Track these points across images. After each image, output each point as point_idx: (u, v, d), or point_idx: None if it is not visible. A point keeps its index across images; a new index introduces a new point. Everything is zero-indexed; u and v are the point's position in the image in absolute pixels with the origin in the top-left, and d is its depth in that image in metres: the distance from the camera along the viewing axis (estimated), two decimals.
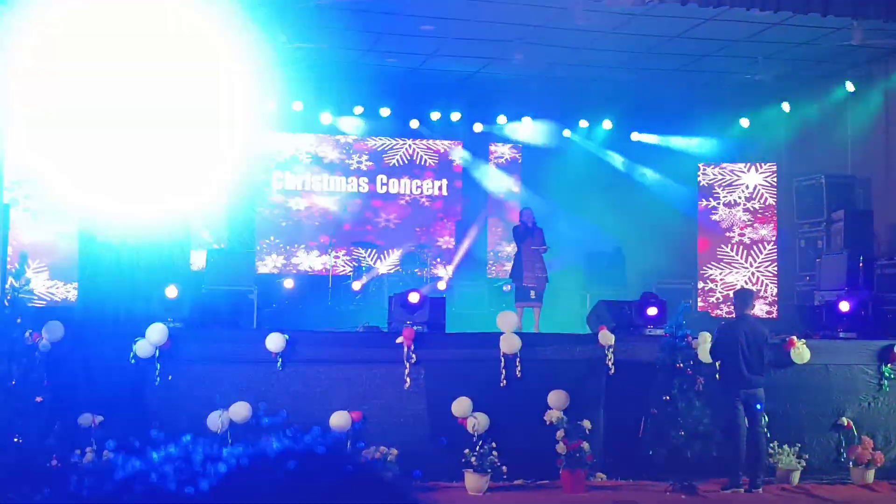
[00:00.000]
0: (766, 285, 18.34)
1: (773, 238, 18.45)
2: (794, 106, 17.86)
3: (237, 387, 10.89)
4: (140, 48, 11.14)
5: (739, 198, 18.69)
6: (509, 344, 11.26)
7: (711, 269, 18.68)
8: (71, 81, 11.05)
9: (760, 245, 18.53)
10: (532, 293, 14.73)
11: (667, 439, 10.90)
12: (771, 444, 11.29)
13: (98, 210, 11.67)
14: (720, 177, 18.81)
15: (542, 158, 19.38)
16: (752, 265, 18.53)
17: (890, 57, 15.70)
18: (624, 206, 18.54)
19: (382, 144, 19.10)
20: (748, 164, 18.69)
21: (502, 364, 11.25)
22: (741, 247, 18.61)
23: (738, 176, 18.73)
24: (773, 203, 18.51)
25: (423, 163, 19.30)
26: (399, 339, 11.16)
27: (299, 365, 11.05)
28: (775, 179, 18.50)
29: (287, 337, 10.99)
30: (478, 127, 19.07)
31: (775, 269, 18.35)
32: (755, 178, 18.66)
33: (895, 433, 11.90)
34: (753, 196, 18.64)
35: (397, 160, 19.18)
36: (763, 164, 18.63)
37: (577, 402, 11.23)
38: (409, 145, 19.23)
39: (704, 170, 18.90)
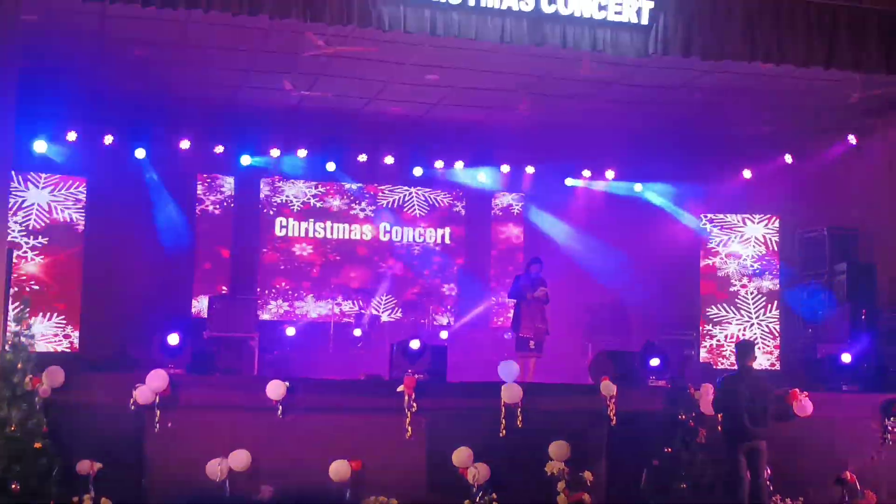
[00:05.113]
0: (769, 337, 18.29)
1: (776, 289, 18.43)
2: (796, 157, 17.89)
3: (237, 434, 10.84)
4: None
5: (742, 249, 18.70)
6: (511, 394, 11.22)
7: (714, 320, 18.64)
8: None
9: (763, 296, 18.50)
10: (531, 343, 14.69)
11: (669, 491, 10.86)
12: (773, 498, 11.21)
13: None
14: (722, 227, 18.83)
15: (544, 207, 19.42)
16: (754, 317, 18.49)
17: (892, 110, 15.75)
18: (627, 255, 18.52)
19: (386, 192, 19.14)
20: (751, 216, 18.71)
21: (503, 414, 11.20)
22: (743, 298, 18.59)
23: (740, 227, 18.75)
24: (776, 254, 18.52)
25: (426, 211, 19.33)
26: (400, 388, 11.13)
27: (300, 413, 11.01)
28: (778, 231, 18.53)
29: (288, 384, 10.96)
30: (481, 175, 19.12)
31: (777, 321, 18.31)
32: (758, 230, 18.68)
33: None
34: (756, 247, 18.65)
35: (400, 208, 19.22)
36: (765, 216, 18.65)
37: (578, 453, 11.19)
38: (413, 193, 19.27)
39: (707, 220, 18.92)
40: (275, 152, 17.94)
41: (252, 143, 17.85)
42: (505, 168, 19.04)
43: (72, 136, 16.69)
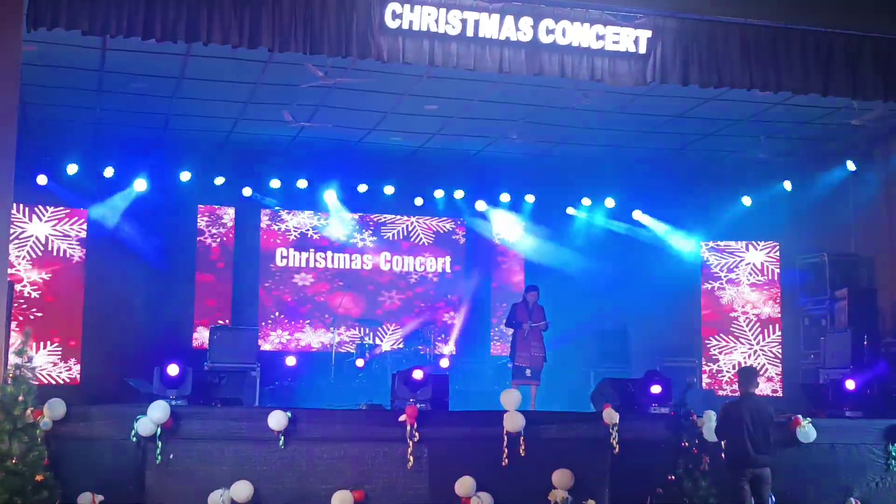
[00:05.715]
0: (771, 364, 18.26)
1: (777, 316, 18.42)
2: (795, 184, 17.94)
3: (239, 465, 10.82)
4: None
5: (742, 276, 18.71)
6: (513, 422, 11.19)
7: (716, 347, 18.63)
8: None
9: (764, 323, 18.50)
10: (528, 371, 14.69)
11: None
12: None
13: None
14: (723, 255, 18.85)
15: (545, 236, 19.46)
16: (756, 343, 18.48)
17: (891, 136, 15.78)
18: (628, 283, 18.54)
19: (386, 222, 19.19)
20: (751, 242, 18.74)
21: (505, 442, 11.17)
22: (745, 325, 18.58)
23: (740, 254, 18.77)
24: (777, 281, 18.52)
25: (426, 240, 19.37)
26: (402, 418, 11.10)
27: (301, 443, 10.97)
28: (778, 257, 18.54)
29: (289, 415, 10.93)
30: (481, 205, 19.18)
31: (780, 347, 18.29)
32: (758, 256, 18.70)
33: None
34: (756, 274, 18.66)
35: (401, 238, 19.26)
36: (766, 242, 18.68)
37: (581, 482, 11.15)
38: (413, 223, 19.33)
39: (707, 248, 18.95)
40: (275, 183, 18.00)
41: (252, 173, 17.93)
42: (505, 197, 19.09)
43: (72, 168, 16.75)
